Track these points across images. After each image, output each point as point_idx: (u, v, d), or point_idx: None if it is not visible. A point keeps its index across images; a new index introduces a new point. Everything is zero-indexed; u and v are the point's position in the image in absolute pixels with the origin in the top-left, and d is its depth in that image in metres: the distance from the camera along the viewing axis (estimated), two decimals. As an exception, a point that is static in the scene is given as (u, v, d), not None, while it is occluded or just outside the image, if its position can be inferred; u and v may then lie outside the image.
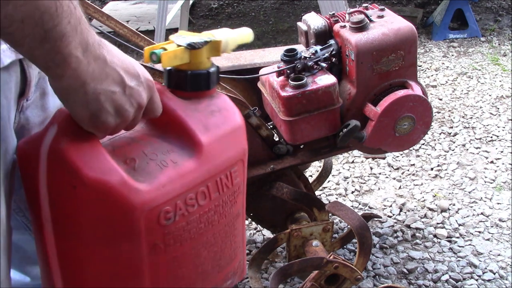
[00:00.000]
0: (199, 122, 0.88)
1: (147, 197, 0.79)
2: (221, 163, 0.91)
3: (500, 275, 2.03)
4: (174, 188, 0.83)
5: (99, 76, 0.72)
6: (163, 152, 0.85)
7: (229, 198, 0.95)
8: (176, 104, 0.88)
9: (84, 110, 0.73)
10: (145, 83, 0.79)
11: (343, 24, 1.67)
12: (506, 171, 2.62)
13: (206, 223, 0.90)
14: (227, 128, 0.92)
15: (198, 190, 0.87)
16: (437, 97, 3.37)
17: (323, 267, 1.63)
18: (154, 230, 0.82)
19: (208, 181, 0.89)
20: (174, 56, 0.86)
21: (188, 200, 0.86)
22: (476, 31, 4.22)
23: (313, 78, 1.62)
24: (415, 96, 1.63)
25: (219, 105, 0.94)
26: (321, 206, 1.81)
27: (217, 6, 5.28)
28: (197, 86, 0.91)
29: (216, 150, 0.89)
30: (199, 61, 0.90)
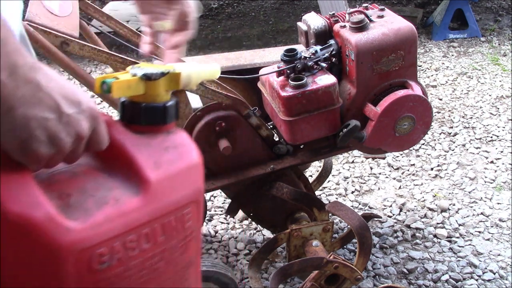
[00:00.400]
0: (149, 158, 0.80)
1: (78, 236, 0.71)
2: (170, 203, 0.82)
3: (500, 275, 2.03)
4: (112, 228, 0.75)
5: (30, 100, 0.67)
6: (106, 189, 0.78)
7: (178, 243, 0.85)
8: (126, 137, 0.81)
9: (13, 137, 0.67)
10: (88, 112, 0.72)
11: (343, 24, 1.67)
12: (506, 171, 2.62)
13: (150, 271, 0.81)
14: (181, 166, 0.84)
15: (141, 232, 0.78)
16: (437, 97, 3.37)
17: (323, 267, 1.63)
18: (85, 275, 0.73)
19: (154, 222, 0.80)
20: (127, 86, 0.80)
21: (128, 242, 0.77)
22: (476, 31, 4.22)
23: (313, 78, 1.62)
24: (415, 96, 1.63)
25: (175, 141, 0.86)
26: (321, 206, 1.81)
27: (217, 6, 5.28)
28: (152, 120, 0.84)
29: (165, 189, 0.81)
30: (156, 94, 0.83)
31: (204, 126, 1.68)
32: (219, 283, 1.70)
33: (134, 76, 0.81)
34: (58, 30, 1.31)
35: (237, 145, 1.73)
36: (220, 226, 2.35)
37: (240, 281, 2.05)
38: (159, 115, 0.84)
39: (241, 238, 2.27)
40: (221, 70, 0.95)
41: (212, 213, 2.43)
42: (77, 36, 1.37)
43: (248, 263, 1.86)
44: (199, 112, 1.68)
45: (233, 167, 1.77)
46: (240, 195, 1.86)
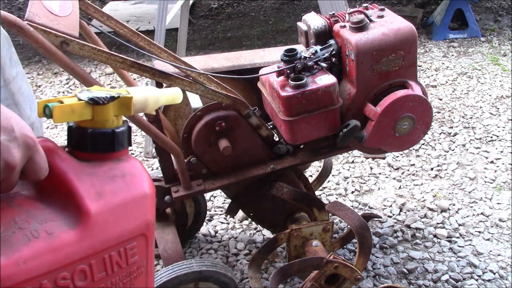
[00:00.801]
0: (91, 188, 0.75)
1: (1, 273, 0.66)
2: (112, 237, 0.77)
3: (500, 275, 2.03)
4: (41, 264, 0.69)
5: None
6: (39, 221, 0.72)
7: (121, 280, 0.80)
8: (69, 166, 0.76)
9: None
10: (21, 139, 0.68)
11: (343, 24, 1.67)
12: (506, 171, 2.62)
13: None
14: (127, 197, 0.79)
15: (75, 268, 0.73)
16: (437, 97, 3.37)
17: (323, 267, 1.63)
18: None
19: (91, 257, 0.74)
20: (71, 111, 0.75)
21: (59, 280, 0.71)
22: (476, 31, 4.22)
23: (313, 78, 1.62)
24: (415, 96, 1.63)
25: (124, 170, 0.80)
26: (321, 206, 1.81)
27: (217, 6, 5.28)
28: (99, 147, 0.79)
29: (107, 221, 0.76)
30: (104, 119, 0.78)
31: (204, 126, 1.68)
32: (219, 283, 1.70)
33: (80, 101, 0.76)
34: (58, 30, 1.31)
35: (237, 145, 1.73)
36: (220, 226, 2.35)
37: (240, 281, 2.05)
38: (107, 141, 0.79)
39: (241, 238, 2.27)
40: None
41: (212, 213, 2.44)
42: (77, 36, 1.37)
43: (248, 263, 1.86)
44: (199, 112, 1.68)
45: (233, 167, 1.77)
46: (240, 195, 1.87)
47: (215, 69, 1.80)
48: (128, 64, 1.41)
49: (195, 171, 1.75)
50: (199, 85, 1.56)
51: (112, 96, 0.78)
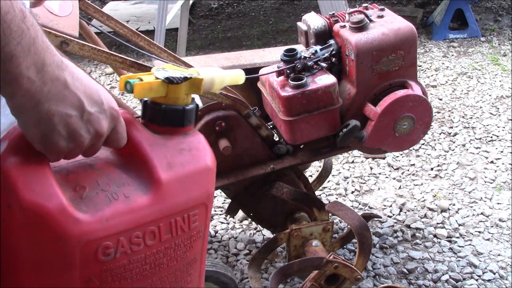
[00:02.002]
0: (163, 158, 0.84)
1: (86, 228, 0.75)
2: (178, 204, 0.85)
3: (500, 275, 2.03)
4: (120, 223, 0.79)
5: (56, 97, 0.70)
6: (118, 184, 0.81)
7: (183, 242, 0.88)
8: (144, 137, 0.84)
9: (36, 130, 0.71)
10: (108, 111, 0.76)
11: (343, 24, 1.67)
12: (506, 171, 2.62)
13: (152, 265, 0.85)
14: (193, 169, 0.87)
15: (147, 229, 0.82)
16: (437, 97, 3.37)
17: (323, 267, 1.63)
18: (91, 264, 0.77)
19: (160, 221, 0.83)
20: (149, 88, 0.83)
21: (133, 238, 0.81)
22: (476, 31, 4.22)
23: (313, 78, 1.62)
24: (415, 96, 1.63)
25: (191, 144, 0.89)
26: (321, 206, 1.80)
27: (217, 6, 5.29)
28: (170, 121, 0.87)
29: (175, 189, 0.84)
30: (176, 97, 0.86)
31: (204, 126, 1.68)
32: (219, 283, 1.70)
33: (157, 79, 0.83)
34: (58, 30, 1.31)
35: (237, 145, 1.73)
36: (220, 226, 2.35)
37: (240, 281, 2.05)
38: (177, 117, 0.86)
39: (241, 238, 2.27)
40: None
41: (212, 213, 2.44)
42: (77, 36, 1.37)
43: (248, 263, 1.86)
44: (199, 112, 1.68)
45: (233, 167, 1.77)
46: (240, 195, 1.86)
47: (215, 69, 1.80)
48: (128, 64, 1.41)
49: (195, 171, 1.75)
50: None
51: (185, 77, 0.85)
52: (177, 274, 0.90)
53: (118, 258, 0.79)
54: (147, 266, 0.84)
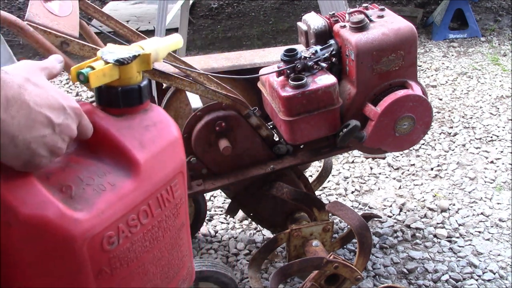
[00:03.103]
0: (134, 140, 0.85)
1: (87, 225, 0.77)
2: (160, 179, 0.88)
3: (500, 275, 2.03)
4: (115, 212, 0.81)
5: (26, 125, 0.70)
6: (100, 175, 0.82)
7: (171, 212, 0.93)
8: (109, 122, 0.85)
9: (17, 161, 0.72)
10: (72, 113, 0.77)
11: (343, 24, 1.67)
12: (506, 171, 2.62)
13: (151, 240, 0.89)
14: (164, 143, 0.90)
15: (139, 210, 0.85)
16: (437, 97, 3.37)
17: (323, 267, 1.63)
18: (99, 256, 0.80)
19: (148, 199, 0.87)
20: (103, 74, 0.83)
21: (130, 221, 0.84)
22: (476, 31, 4.22)
23: (313, 78, 1.62)
24: (415, 96, 1.63)
25: (153, 119, 0.91)
26: (321, 206, 1.80)
27: (217, 6, 5.28)
28: (129, 102, 0.87)
29: (154, 166, 0.87)
30: (129, 76, 0.86)
31: (204, 126, 1.68)
32: (219, 283, 1.70)
33: (107, 63, 0.83)
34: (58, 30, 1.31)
35: (237, 145, 1.73)
36: (220, 226, 2.35)
37: (240, 281, 2.05)
38: (135, 96, 0.87)
39: (241, 238, 2.27)
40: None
41: (212, 213, 2.44)
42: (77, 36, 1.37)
43: (248, 263, 1.86)
44: (199, 112, 1.68)
45: (233, 167, 1.77)
46: (240, 195, 1.86)
47: (215, 69, 1.80)
48: (128, 64, 1.41)
49: (195, 171, 1.75)
50: (199, 85, 1.56)
51: (134, 55, 0.85)
52: (172, 241, 0.95)
53: (121, 244, 0.82)
54: (147, 243, 0.88)
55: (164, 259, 0.94)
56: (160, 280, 0.95)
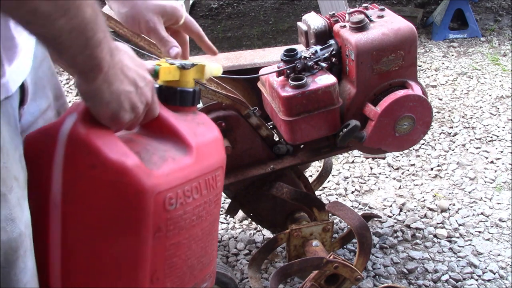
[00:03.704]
0: (188, 129, 0.97)
1: (156, 181, 0.86)
2: (208, 165, 0.99)
3: (500, 275, 2.03)
4: (175, 178, 0.91)
5: (120, 77, 0.81)
6: (162, 150, 0.92)
7: (213, 199, 1.02)
8: (168, 113, 0.97)
9: (107, 109, 0.81)
10: (149, 84, 0.87)
11: (343, 24, 1.67)
12: (506, 171, 2.62)
13: (197, 217, 0.97)
14: (210, 138, 1.02)
15: (192, 185, 0.95)
16: (437, 97, 3.37)
17: (323, 267, 1.63)
18: (159, 214, 0.88)
19: (200, 178, 0.97)
20: (169, 72, 0.98)
21: (185, 191, 0.93)
22: (476, 31, 4.22)
23: (313, 78, 1.62)
24: (415, 96, 1.63)
25: (201, 119, 1.04)
26: (321, 206, 1.80)
27: (217, 6, 5.28)
28: (185, 101, 1.01)
29: (203, 153, 0.97)
30: (186, 80, 1.01)
31: (204, 126, 1.68)
32: (219, 283, 1.70)
33: (172, 65, 0.99)
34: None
35: (237, 145, 1.73)
36: (220, 226, 2.35)
37: (240, 281, 2.05)
38: (190, 98, 1.02)
39: (241, 238, 2.27)
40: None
41: (212, 213, 2.43)
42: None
43: (248, 263, 1.86)
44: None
45: (233, 167, 1.77)
46: (240, 195, 1.86)
47: (215, 69, 1.80)
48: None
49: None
50: (199, 85, 1.56)
51: (193, 64, 1.02)
52: (210, 228, 1.04)
53: (177, 209, 0.92)
54: (194, 217, 0.97)
55: (203, 241, 1.02)
56: (196, 262, 1.02)
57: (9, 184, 0.79)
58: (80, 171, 0.83)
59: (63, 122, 0.84)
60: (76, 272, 0.88)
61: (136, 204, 0.85)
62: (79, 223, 0.85)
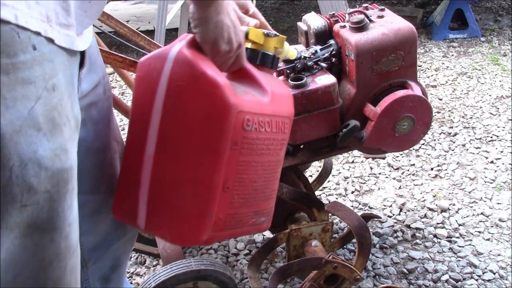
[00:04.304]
0: (266, 81, 1.15)
1: (239, 102, 1.02)
2: (280, 110, 1.16)
3: (500, 275, 2.03)
4: (254, 107, 1.07)
5: (225, 12, 0.98)
6: (244, 88, 1.10)
7: (280, 141, 1.18)
8: (250, 66, 1.15)
9: (211, 35, 0.98)
10: (243, 32, 1.07)
11: (343, 24, 1.67)
12: (506, 171, 2.62)
13: (266, 148, 1.13)
14: (284, 92, 1.22)
15: (266, 119, 1.11)
16: (437, 97, 3.37)
17: (322, 268, 1.63)
18: (238, 130, 1.04)
19: (272, 117, 1.13)
20: (256, 34, 1.17)
21: (260, 121, 1.09)
22: (476, 31, 4.22)
23: (312, 78, 1.62)
24: (415, 96, 1.63)
25: (277, 80, 1.28)
26: (320, 206, 1.80)
27: (217, 6, 5.28)
28: (265, 63, 1.20)
29: (277, 100, 1.15)
30: (269, 46, 1.20)
31: (204, 126, 1.68)
32: (218, 282, 1.70)
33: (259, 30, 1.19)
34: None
35: (237, 145, 1.73)
36: (220, 226, 2.35)
37: (240, 281, 2.05)
38: (270, 61, 1.21)
39: (241, 238, 2.27)
40: None
41: (212, 213, 2.43)
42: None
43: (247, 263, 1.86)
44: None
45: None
46: (240, 195, 1.86)
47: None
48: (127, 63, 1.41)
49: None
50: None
51: (275, 34, 1.22)
52: (272, 166, 1.20)
53: (252, 131, 1.07)
54: (264, 147, 1.13)
55: (267, 173, 1.17)
56: (260, 189, 1.18)
57: (64, 119, 0.84)
58: (182, 81, 1.00)
59: (172, 47, 1.02)
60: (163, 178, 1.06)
61: (222, 115, 1.01)
62: (173, 127, 1.03)
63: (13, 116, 0.73)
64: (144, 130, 1.05)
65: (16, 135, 0.74)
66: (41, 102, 0.77)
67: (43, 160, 0.78)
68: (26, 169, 0.75)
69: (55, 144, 0.80)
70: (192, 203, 1.06)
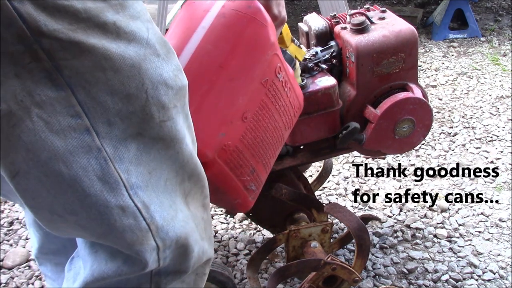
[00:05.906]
0: None
1: (277, 46, 1.18)
2: (298, 92, 1.38)
3: (500, 275, 2.03)
4: (285, 64, 1.24)
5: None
6: None
7: (289, 116, 1.34)
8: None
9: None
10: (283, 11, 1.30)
11: (344, 26, 1.67)
12: (506, 171, 2.63)
13: (282, 109, 1.26)
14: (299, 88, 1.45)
15: (288, 85, 1.24)
16: (437, 97, 3.38)
17: (320, 269, 1.63)
18: (271, 71, 1.15)
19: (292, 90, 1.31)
20: (287, 33, 1.42)
21: (286, 81, 1.23)
22: (476, 31, 4.22)
23: (313, 80, 1.62)
24: (415, 98, 1.63)
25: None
26: (319, 207, 1.81)
27: (217, 5, 5.28)
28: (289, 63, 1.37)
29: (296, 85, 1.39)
30: (291, 51, 1.46)
31: (205, 127, 1.68)
32: (216, 282, 1.70)
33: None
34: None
35: (237, 146, 1.73)
36: (220, 226, 2.36)
37: (240, 281, 2.06)
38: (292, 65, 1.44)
39: (241, 238, 2.28)
40: None
41: (212, 213, 2.44)
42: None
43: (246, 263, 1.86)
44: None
45: (233, 168, 1.77)
46: (240, 196, 1.86)
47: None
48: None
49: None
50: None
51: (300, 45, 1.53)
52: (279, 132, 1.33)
53: (280, 82, 1.20)
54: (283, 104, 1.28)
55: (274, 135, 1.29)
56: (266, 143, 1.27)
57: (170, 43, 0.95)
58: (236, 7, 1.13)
59: None
60: None
61: (263, 47, 1.12)
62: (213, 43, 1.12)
63: (136, 47, 0.84)
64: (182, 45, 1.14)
65: (143, 63, 0.85)
66: (151, 32, 0.87)
67: (168, 81, 0.90)
68: (157, 90, 0.88)
69: (172, 66, 0.91)
70: (212, 117, 1.12)
